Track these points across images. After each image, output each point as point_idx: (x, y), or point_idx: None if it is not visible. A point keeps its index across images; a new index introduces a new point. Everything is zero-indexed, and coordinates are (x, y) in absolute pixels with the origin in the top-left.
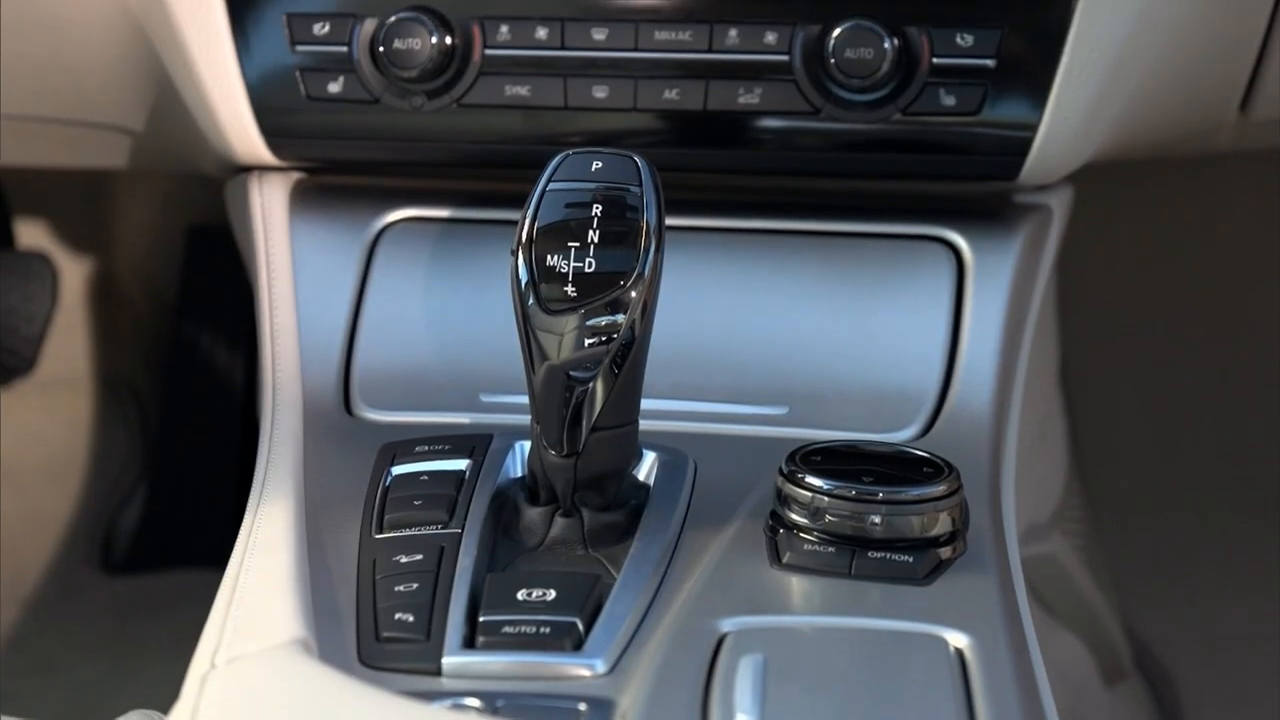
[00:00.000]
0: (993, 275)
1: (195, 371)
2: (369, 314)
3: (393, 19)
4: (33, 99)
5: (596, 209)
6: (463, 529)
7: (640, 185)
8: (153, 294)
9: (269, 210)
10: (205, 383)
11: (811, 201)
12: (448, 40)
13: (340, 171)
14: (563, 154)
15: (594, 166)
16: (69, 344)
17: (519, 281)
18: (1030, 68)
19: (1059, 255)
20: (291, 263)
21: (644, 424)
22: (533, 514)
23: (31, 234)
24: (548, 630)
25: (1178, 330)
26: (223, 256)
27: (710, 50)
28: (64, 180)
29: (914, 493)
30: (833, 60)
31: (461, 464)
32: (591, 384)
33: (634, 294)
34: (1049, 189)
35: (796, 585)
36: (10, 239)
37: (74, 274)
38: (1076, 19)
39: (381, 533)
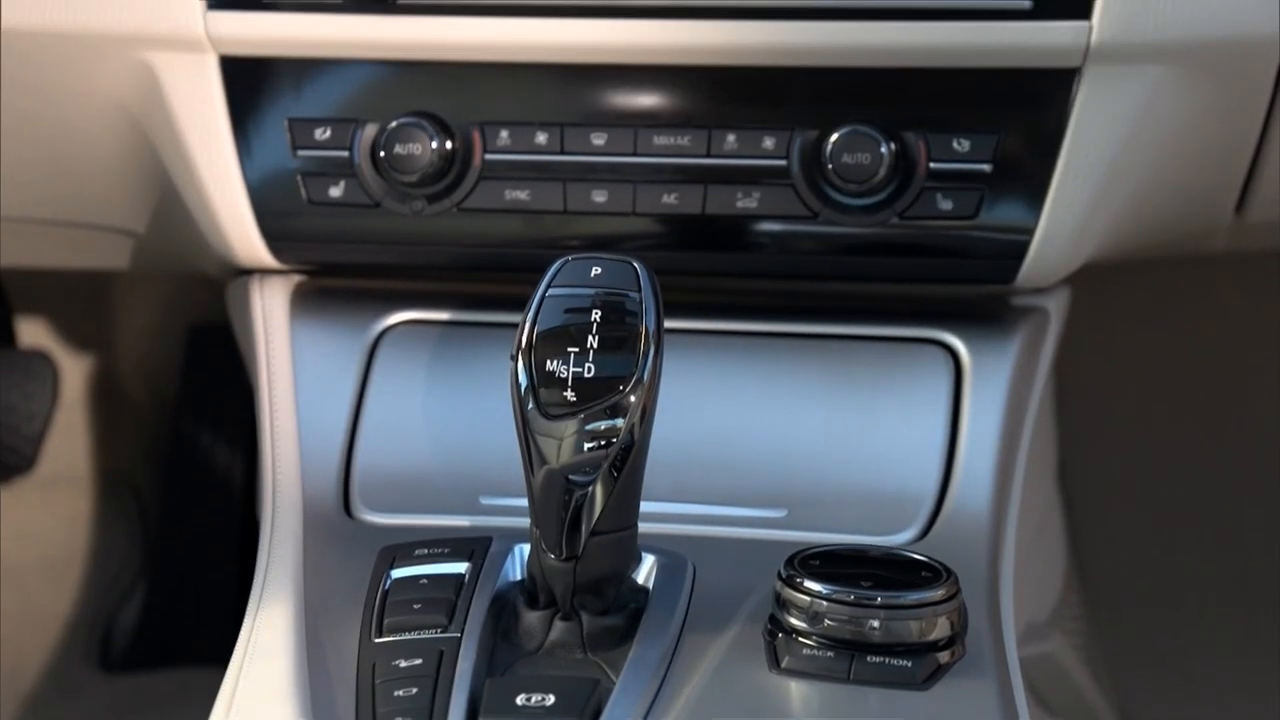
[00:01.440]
0: (990, 378)
1: (195, 470)
2: (369, 416)
3: (394, 124)
4: (35, 202)
5: (596, 314)
6: (462, 633)
7: (639, 290)
8: (153, 392)
9: (270, 313)
10: (205, 481)
11: (809, 304)
12: (448, 145)
13: (341, 274)
14: (562, 260)
15: (593, 272)
16: (69, 442)
17: (519, 386)
18: (1027, 172)
19: (1056, 354)
20: (292, 365)
21: (643, 526)
22: (532, 618)
23: (32, 332)
24: None
25: (1176, 426)
26: (223, 355)
27: (709, 155)
28: (65, 279)
29: (913, 597)
30: (830, 165)
31: (461, 567)
32: (591, 488)
33: (633, 399)
34: (1046, 291)
35: (795, 690)
36: (11, 337)
37: (75, 372)
38: (1072, 124)
39: (381, 636)
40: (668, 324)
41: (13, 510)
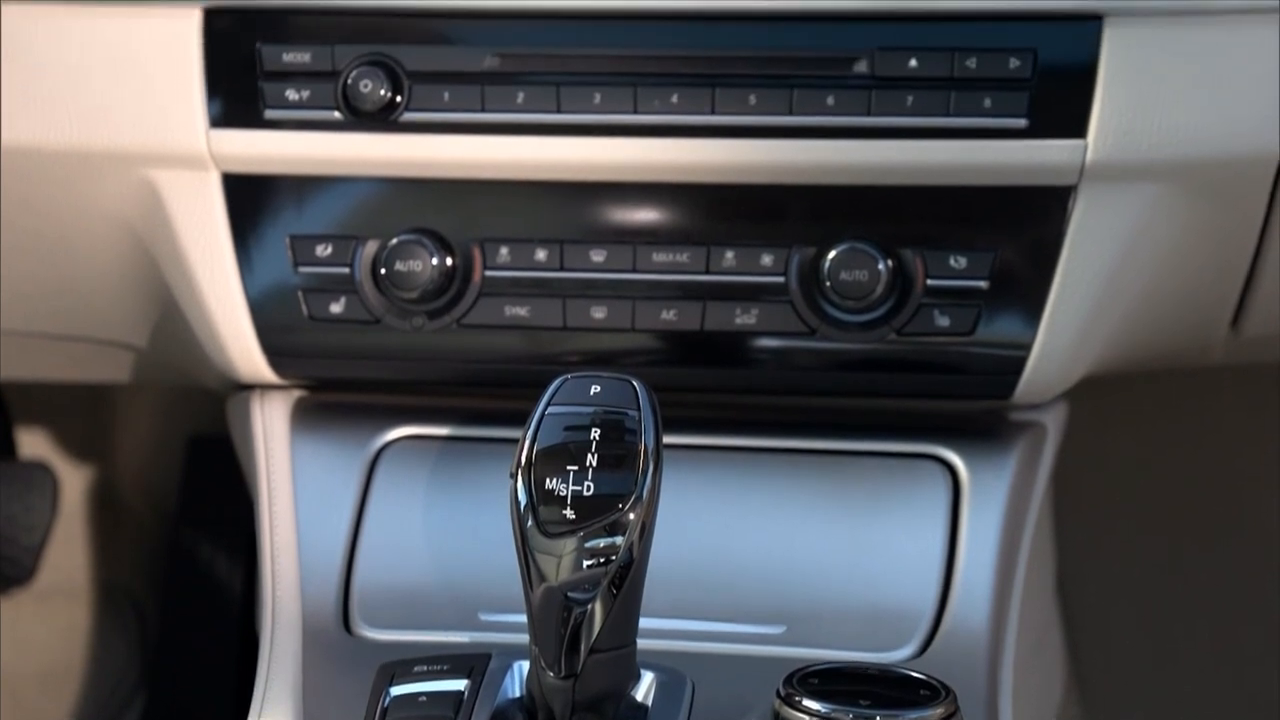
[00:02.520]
0: (988, 494)
1: (195, 582)
2: (369, 532)
3: (394, 241)
4: (37, 316)
5: (595, 432)
6: None
7: (638, 409)
8: (153, 503)
9: (270, 428)
10: (204, 593)
11: (807, 420)
12: (448, 262)
13: (341, 389)
14: (561, 378)
15: (592, 390)
16: (68, 553)
17: (518, 504)
18: (1023, 289)
19: (1054, 468)
20: (292, 480)
21: (641, 643)
22: None
23: (33, 443)
24: None
25: (1174, 538)
26: (223, 467)
27: (707, 272)
28: (66, 390)
29: (911, 716)
30: (828, 282)
31: (460, 684)
32: (590, 605)
33: (632, 516)
34: (1043, 406)
35: None
36: (12, 448)
37: (74, 483)
38: (1068, 241)
39: None
40: (666, 439)
41: (12, 621)
